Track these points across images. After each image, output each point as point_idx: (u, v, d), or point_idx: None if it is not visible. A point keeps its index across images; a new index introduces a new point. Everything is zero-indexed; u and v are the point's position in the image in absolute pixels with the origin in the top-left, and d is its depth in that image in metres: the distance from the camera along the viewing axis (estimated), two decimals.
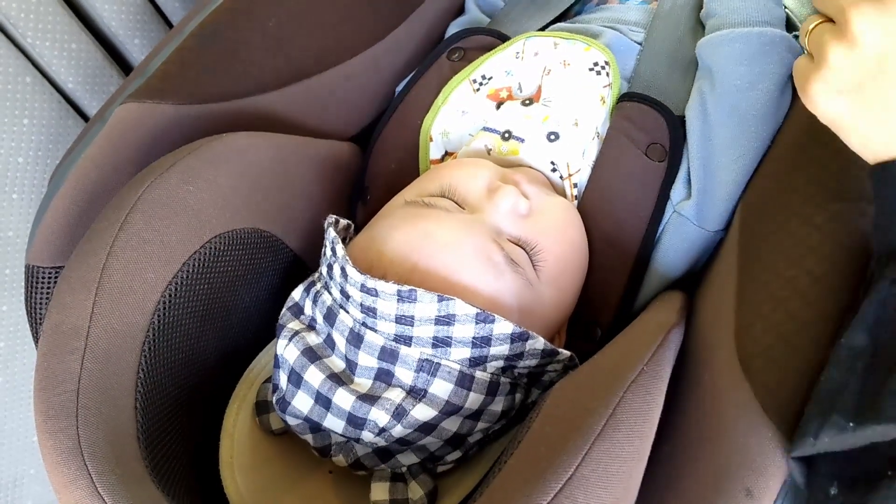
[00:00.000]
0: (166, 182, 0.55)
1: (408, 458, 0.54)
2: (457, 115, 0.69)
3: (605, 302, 0.62)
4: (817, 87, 0.43)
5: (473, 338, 0.50)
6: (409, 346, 0.50)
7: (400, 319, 0.49)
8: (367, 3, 0.74)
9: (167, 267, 0.53)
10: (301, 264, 0.67)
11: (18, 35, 0.73)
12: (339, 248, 0.52)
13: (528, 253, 0.56)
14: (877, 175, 0.42)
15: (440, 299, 0.49)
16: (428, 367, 0.50)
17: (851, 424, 0.38)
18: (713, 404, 0.49)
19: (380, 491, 0.54)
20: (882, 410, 0.37)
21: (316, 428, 0.55)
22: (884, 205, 0.41)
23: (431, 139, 0.70)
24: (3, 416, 0.81)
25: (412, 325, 0.49)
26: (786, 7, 0.69)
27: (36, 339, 0.63)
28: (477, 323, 0.49)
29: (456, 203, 0.58)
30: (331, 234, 0.54)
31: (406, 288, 0.48)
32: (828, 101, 0.43)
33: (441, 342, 0.50)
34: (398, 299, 0.49)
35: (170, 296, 0.54)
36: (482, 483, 0.47)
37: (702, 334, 0.54)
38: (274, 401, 0.56)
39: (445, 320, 0.49)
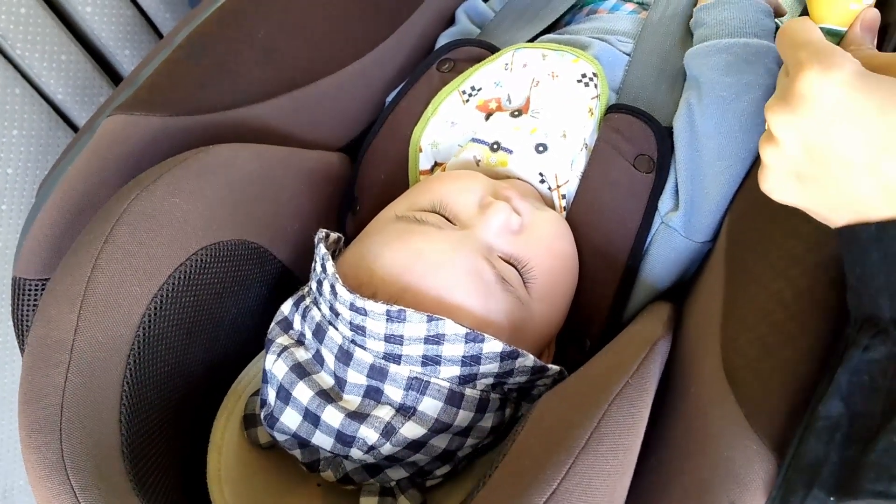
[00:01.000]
0: (152, 195, 0.55)
1: (397, 473, 0.54)
2: (446, 126, 0.69)
3: (594, 313, 0.62)
4: (766, 182, 0.44)
5: (463, 356, 0.50)
6: (399, 364, 0.50)
7: (389, 338, 0.49)
8: (357, 14, 0.74)
9: (152, 279, 0.53)
10: (289, 275, 0.66)
11: (8, 46, 0.73)
12: (329, 265, 0.52)
13: (518, 271, 0.56)
14: (842, 236, 0.41)
15: (429, 319, 0.48)
16: (417, 385, 0.50)
17: (832, 499, 0.38)
18: (699, 416, 0.48)
19: None
20: (860, 486, 0.37)
21: (304, 444, 0.54)
22: (853, 268, 0.41)
23: (421, 150, 0.70)
24: None
25: (401, 344, 0.49)
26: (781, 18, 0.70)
27: (23, 351, 0.63)
28: (466, 342, 0.49)
29: (447, 219, 0.58)
30: (321, 249, 0.54)
31: (395, 308, 0.48)
32: (780, 191, 0.43)
33: (431, 360, 0.50)
34: (387, 319, 0.49)
35: (155, 308, 0.53)
36: (469, 497, 0.47)
37: (689, 346, 0.54)
38: (262, 416, 0.55)
39: (435, 339, 0.49)
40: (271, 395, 0.54)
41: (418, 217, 0.57)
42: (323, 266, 0.53)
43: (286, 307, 0.58)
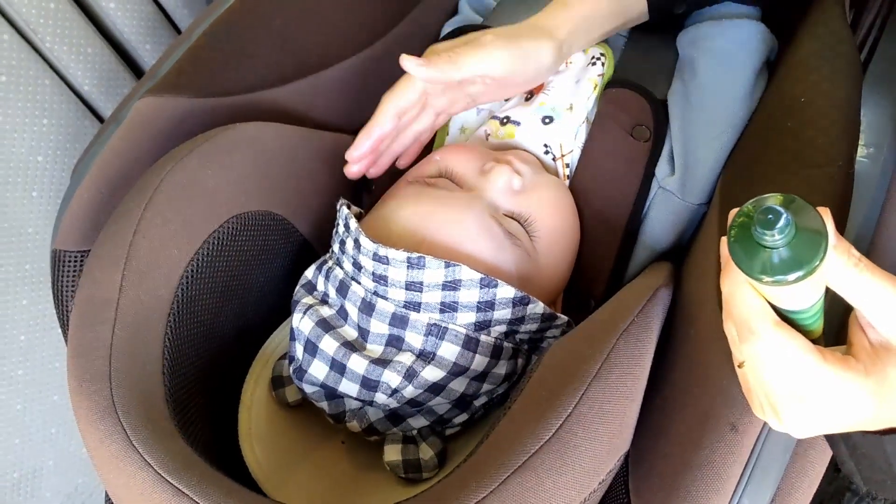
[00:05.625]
0: (186, 166, 0.59)
1: (418, 422, 0.58)
2: (473, 111, 0.74)
3: (597, 274, 0.66)
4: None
5: (478, 302, 0.53)
6: (419, 311, 0.54)
7: (410, 286, 0.53)
8: (367, 4, 0.79)
9: (189, 244, 0.57)
10: (310, 248, 0.70)
11: (38, 40, 0.77)
12: (353, 222, 0.56)
13: (523, 225, 0.60)
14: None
15: (447, 265, 0.52)
16: (436, 332, 0.54)
17: None
18: (700, 354, 0.52)
19: (393, 452, 0.57)
20: None
21: (331, 394, 0.58)
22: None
23: (448, 133, 0.74)
24: (24, 408, 0.84)
25: (421, 291, 0.53)
26: None
27: (62, 322, 0.67)
28: (481, 288, 0.53)
29: (454, 183, 0.62)
30: (344, 211, 0.58)
31: (415, 255, 0.52)
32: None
33: (448, 307, 0.54)
34: (408, 266, 0.53)
35: (192, 271, 0.57)
36: (490, 428, 0.51)
37: (689, 298, 0.58)
38: (291, 370, 0.59)
39: (452, 285, 0.53)
40: (299, 350, 0.58)
41: (429, 182, 0.62)
42: (346, 225, 0.57)
43: (309, 272, 0.62)
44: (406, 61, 0.59)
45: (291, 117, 0.72)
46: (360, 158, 0.66)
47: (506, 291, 0.54)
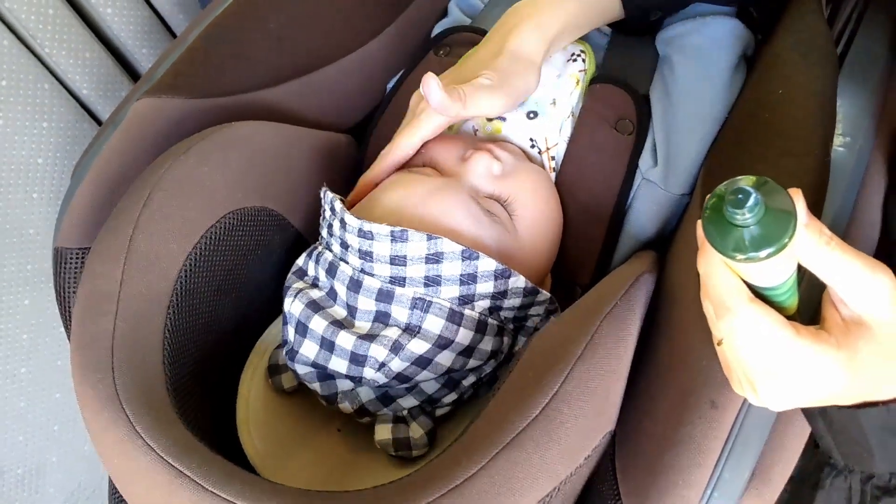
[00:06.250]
0: (184, 164, 0.60)
1: (408, 402, 0.60)
2: None
3: (584, 262, 0.68)
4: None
5: (461, 275, 0.56)
6: (404, 286, 0.56)
7: (394, 260, 0.55)
8: (359, 5, 0.81)
9: (187, 239, 0.59)
10: (305, 243, 0.72)
11: (37, 45, 0.79)
12: (338, 203, 0.59)
13: (503, 206, 0.63)
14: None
15: (429, 238, 0.55)
16: (421, 305, 0.56)
17: None
18: (682, 336, 0.54)
19: (383, 431, 0.59)
20: None
21: (323, 375, 0.60)
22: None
23: None
24: (27, 406, 0.86)
25: (405, 266, 0.55)
26: None
27: (64, 318, 0.69)
28: (463, 260, 0.55)
29: (437, 171, 0.64)
30: (328, 195, 0.61)
31: (398, 228, 0.55)
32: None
33: (432, 281, 0.56)
34: (391, 239, 0.55)
35: (190, 265, 0.59)
36: (481, 409, 0.53)
37: (672, 282, 0.60)
38: (284, 352, 0.61)
39: (434, 258, 0.55)
40: (291, 332, 0.60)
41: (411, 170, 0.64)
42: (332, 208, 0.60)
43: (300, 259, 0.64)
44: (430, 81, 0.60)
45: (286, 116, 0.74)
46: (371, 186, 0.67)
47: (487, 264, 0.56)
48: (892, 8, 0.70)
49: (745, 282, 0.41)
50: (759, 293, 0.42)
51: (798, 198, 0.38)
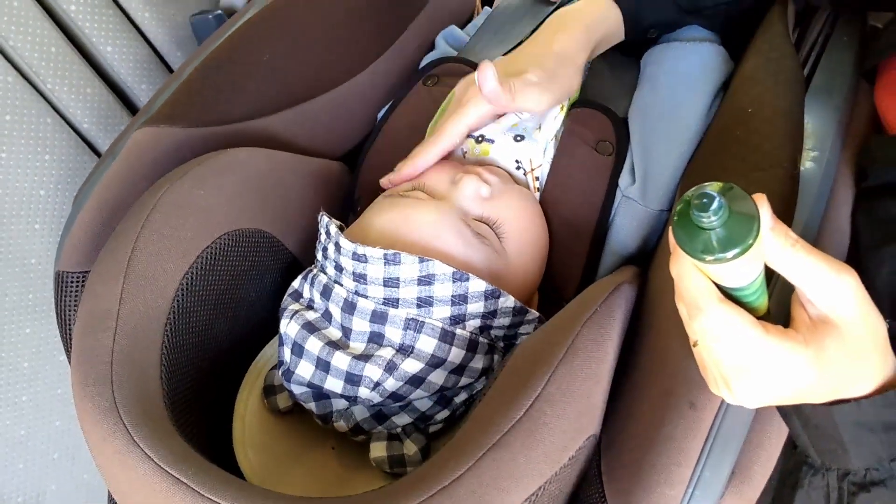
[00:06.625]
0: (181, 187, 0.63)
1: (402, 419, 0.61)
2: None
3: (569, 277, 0.70)
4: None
5: (452, 296, 0.58)
6: (397, 307, 0.58)
7: (387, 282, 0.57)
8: (349, 39, 0.84)
9: (184, 259, 0.61)
10: (298, 265, 0.75)
11: (40, 82, 0.82)
12: (333, 227, 0.61)
13: (492, 228, 0.65)
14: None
15: (421, 260, 0.57)
16: (414, 325, 0.58)
17: None
18: (661, 342, 0.56)
19: (378, 449, 0.61)
20: None
21: (318, 394, 0.62)
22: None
23: None
24: (27, 433, 0.87)
25: (398, 287, 0.57)
26: None
27: (65, 341, 0.70)
28: (454, 282, 0.57)
29: (427, 195, 0.67)
30: (324, 219, 0.63)
31: (391, 251, 0.57)
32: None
33: (424, 302, 0.58)
34: (385, 262, 0.57)
35: (186, 284, 0.61)
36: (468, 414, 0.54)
37: (653, 293, 0.62)
38: (280, 373, 0.63)
39: (426, 280, 0.57)
40: (287, 353, 0.62)
41: (403, 194, 0.66)
42: (327, 231, 0.62)
43: (296, 282, 0.66)
44: (487, 68, 0.62)
45: (280, 143, 0.77)
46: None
47: (477, 285, 0.58)
48: (855, 33, 0.73)
49: (715, 284, 0.43)
50: (729, 294, 0.44)
51: (762, 203, 0.40)
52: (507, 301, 0.60)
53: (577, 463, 0.52)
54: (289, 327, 0.62)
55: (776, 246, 0.41)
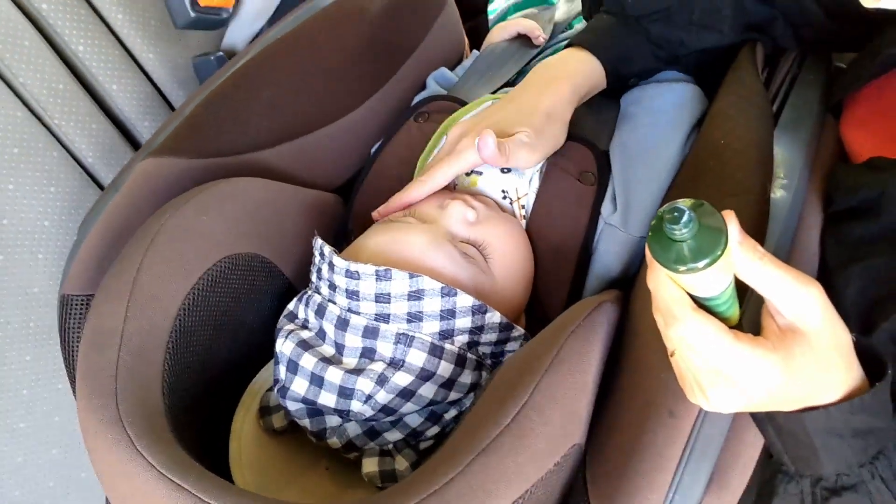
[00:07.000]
0: (184, 213, 0.66)
1: (393, 436, 0.64)
2: None
3: (554, 300, 0.73)
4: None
5: (441, 311, 0.61)
6: (388, 322, 0.61)
7: (379, 298, 0.60)
8: (346, 79, 0.89)
9: (186, 280, 0.64)
10: (294, 290, 0.77)
11: (47, 117, 0.85)
12: (327, 248, 0.64)
13: (479, 249, 0.68)
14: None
15: (411, 276, 0.60)
16: (405, 340, 0.60)
17: None
18: (643, 358, 0.59)
19: (370, 465, 0.63)
20: None
21: (312, 411, 0.64)
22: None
23: None
24: (24, 460, 0.88)
25: (389, 303, 0.60)
26: None
27: (67, 363, 0.72)
28: (443, 297, 0.60)
29: (417, 220, 0.70)
30: (318, 241, 0.66)
31: (382, 268, 0.60)
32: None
33: (414, 317, 0.61)
34: (376, 278, 0.60)
35: (188, 305, 0.64)
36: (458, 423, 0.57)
37: (635, 312, 0.65)
38: (276, 391, 0.65)
39: (416, 295, 0.60)
40: (282, 371, 0.64)
41: (394, 219, 0.70)
42: (321, 252, 0.65)
43: (291, 304, 0.69)
44: (488, 137, 0.66)
45: (278, 175, 0.80)
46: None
47: (464, 300, 0.61)
48: (821, 73, 0.78)
49: (689, 295, 0.46)
50: (702, 304, 0.47)
51: (730, 218, 0.43)
52: (494, 317, 0.63)
53: (563, 469, 0.54)
54: (284, 346, 0.64)
55: (745, 259, 0.44)
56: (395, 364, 0.61)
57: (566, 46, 0.82)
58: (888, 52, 0.66)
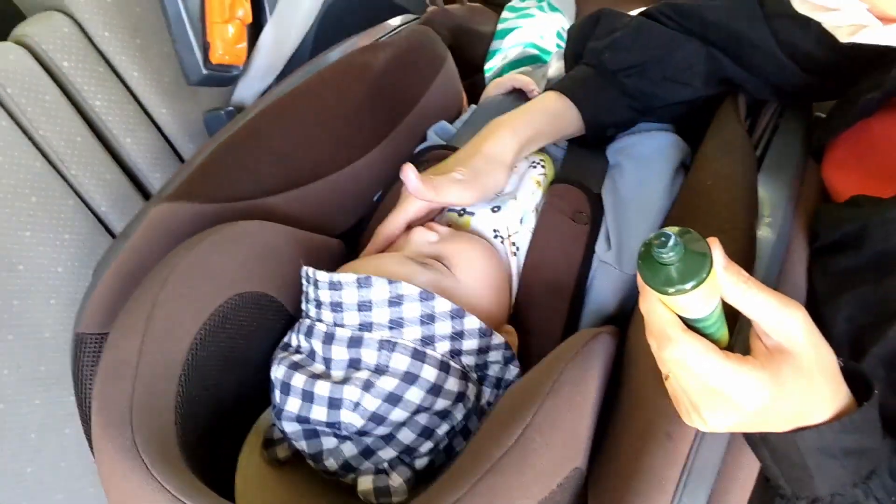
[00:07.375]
0: (198, 252, 0.69)
1: (387, 453, 0.65)
2: None
3: (550, 335, 0.76)
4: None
5: (420, 315, 0.64)
6: (371, 331, 0.64)
7: (361, 306, 0.64)
8: (350, 132, 0.93)
9: (198, 316, 0.66)
10: None
11: (64, 168, 0.89)
12: (311, 270, 0.69)
13: (441, 262, 0.73)
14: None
15: (390, 282, 0.64)
16: (388, 346, 0.64)
17: None
18: (640, 387, 0.61)
19: (365, 482, 0.64)
20: None
21: (309, 433, 0.66)
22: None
23: None
24: None
25: (371, 310, 0.64)
26: None
27: (80, 402, 0.74)
28: (421, 301, 0.64)
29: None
30: (304, 269, 0.71)
31: (363, 276, 0.64)
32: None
33: (396, 324, 0.64)
34: (357, 286, 0.64)
35: (200, 339, 0.66)
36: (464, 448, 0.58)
37: (633, 346, 0.68)
38: (273, 415, 0.68)
39: (396, 301, 0.64)
40: (277, 395, 0.67)
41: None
42: (307, 276, 0.69)
43: (286, 337, 0.72)
44: (407, 169, 0.71)
45: (286, 219, 0.83)
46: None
47: (443, 304, 0.65)
48: (801, 121, 0.83)
49: (679, 317, 0.49)
50: (692, 326, 0.49)
51: (714, 244, 0.46)
52: (472, 322, 0.66)
53: (565, 492, 0.56)
54: (276, 371, 0.67)
55: (730, 283, 0.47)
56: (380, 370, 0.63)
57: (545, 90, 0.87)
58: (864, 99, 0.70)
